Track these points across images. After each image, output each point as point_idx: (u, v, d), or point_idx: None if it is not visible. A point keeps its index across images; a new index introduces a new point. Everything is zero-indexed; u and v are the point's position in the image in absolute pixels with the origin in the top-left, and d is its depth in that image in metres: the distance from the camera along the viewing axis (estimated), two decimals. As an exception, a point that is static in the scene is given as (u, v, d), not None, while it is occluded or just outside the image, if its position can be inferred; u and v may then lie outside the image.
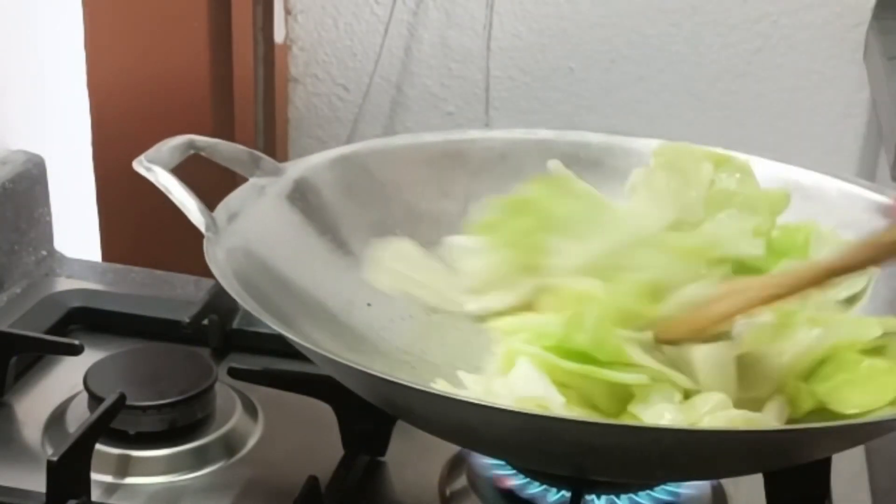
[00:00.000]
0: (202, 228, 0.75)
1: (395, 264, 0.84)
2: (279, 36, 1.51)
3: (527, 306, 0.81)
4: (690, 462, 0.68)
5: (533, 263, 0.82)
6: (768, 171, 0.87)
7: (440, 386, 0.74)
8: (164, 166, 0.77)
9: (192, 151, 0.80)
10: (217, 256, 0.74)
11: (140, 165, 0.77)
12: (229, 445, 0.83)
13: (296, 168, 0.86)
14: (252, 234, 0.79)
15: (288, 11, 1.54)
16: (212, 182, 0.81)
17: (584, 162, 0.91)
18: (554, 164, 0.87)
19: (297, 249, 0.82)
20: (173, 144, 0.79)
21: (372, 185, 0.88)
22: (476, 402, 0.63)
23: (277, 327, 0.68)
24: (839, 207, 0.85)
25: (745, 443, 0.65)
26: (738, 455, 0.67)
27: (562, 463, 0.70)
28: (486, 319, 0.82)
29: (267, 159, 0.84)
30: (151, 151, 0.78)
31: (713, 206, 0.84)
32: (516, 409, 0.64)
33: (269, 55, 1.47)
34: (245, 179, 0.84)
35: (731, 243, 0.81)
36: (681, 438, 0.64)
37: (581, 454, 0.66)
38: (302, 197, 0.84)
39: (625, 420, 0.70)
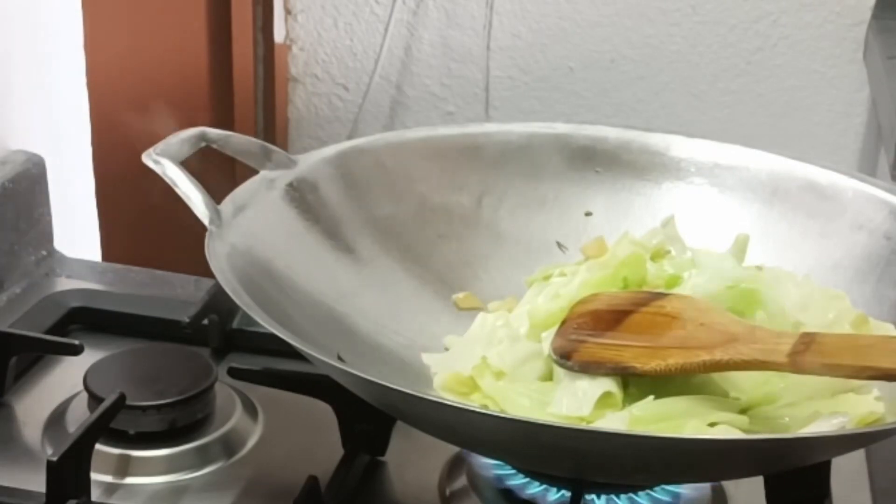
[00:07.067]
0: (205, 221, 0.74)
1: None
2: (279, 35, 1.51)
3: None
4: (689, 468, 0.68)
5: None
6: (785, 169, 0.87)
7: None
8: (173, 159, 0.76)
9: (203, 144, 0.79)
10: (217, 251, 0.73)
11: (149, 159, 0.76)
12: (229, 445, 0.83)
13: (307, 161, 0.85)
14: (257, 228, 0.78)
15: (288, 11, 1.54)
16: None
17: (601, 156, 0.90)
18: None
19: (302, 245, 0.81)
20: (184, 137, 0.78)
21: (384, 178, 0.87)
22: (475, 409, 0.63)
23: (271, 326, 0.67)
24: (853, 208, 0.84)
25: (744, 451, 0.64)
26: (737, 462, 0.67)
27: (560, 466, 0.70)
28: None
29: (279, 152, 0.83)
30: (161, 144, 0.77)
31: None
32: (515, 417, 0.64)
33: (269, 55, 1.47)
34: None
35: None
36: (681, 448, 0.63)
37: (579, 459, 0.66)
38: (312, 190, 0.84)
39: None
